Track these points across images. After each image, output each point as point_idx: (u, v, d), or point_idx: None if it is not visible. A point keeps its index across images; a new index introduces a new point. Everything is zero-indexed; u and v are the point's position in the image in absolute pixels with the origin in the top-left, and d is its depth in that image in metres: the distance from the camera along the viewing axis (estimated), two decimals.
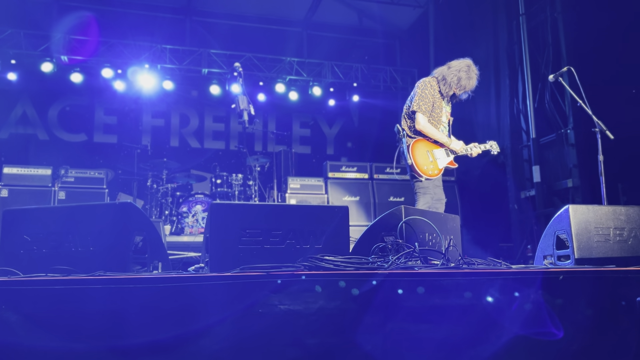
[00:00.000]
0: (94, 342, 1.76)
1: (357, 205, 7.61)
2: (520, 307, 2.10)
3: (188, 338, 1.83)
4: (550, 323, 2.10)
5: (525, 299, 2.11)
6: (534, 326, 2.09)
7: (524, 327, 2.09)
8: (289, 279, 1.89)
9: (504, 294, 2.11)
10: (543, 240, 2.97)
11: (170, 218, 7.35)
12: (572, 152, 6.71)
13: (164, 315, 1.82)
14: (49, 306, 1.76)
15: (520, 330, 2.08)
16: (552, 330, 2.09)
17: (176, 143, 10.10)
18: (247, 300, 1.88)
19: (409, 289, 2.03)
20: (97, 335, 1.77)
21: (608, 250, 2.72)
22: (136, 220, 2.56)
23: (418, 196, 4.26)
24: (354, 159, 9.70)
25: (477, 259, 2.82)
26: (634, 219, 2.81)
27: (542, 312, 2.11)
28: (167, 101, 9.62)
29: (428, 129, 4.25)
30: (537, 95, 7.33)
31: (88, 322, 1.76)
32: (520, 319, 2.09)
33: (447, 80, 4.37)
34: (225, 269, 2.23)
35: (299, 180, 7.56)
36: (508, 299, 2.10)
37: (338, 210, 2.60)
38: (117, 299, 1.81)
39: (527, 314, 2.10)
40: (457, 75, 4.36)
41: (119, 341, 1.77)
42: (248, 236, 2.36)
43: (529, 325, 2.08)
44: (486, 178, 8.03)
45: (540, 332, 2.10)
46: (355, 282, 1.97)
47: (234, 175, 7.65)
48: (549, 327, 2.10)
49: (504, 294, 2.11)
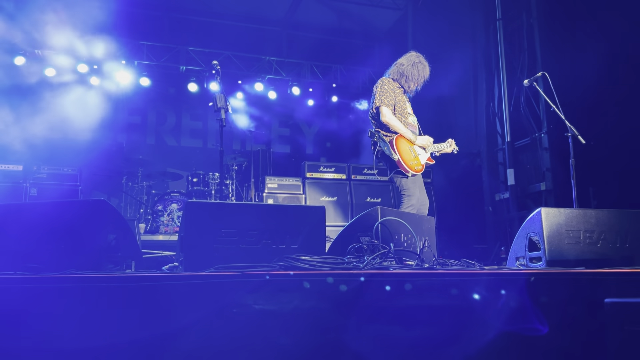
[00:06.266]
0: (63, 342, 1.72)
1: (335, 205, 7.63)
2: (493, 308, 2.13)
3: (161, 338, 1.81)
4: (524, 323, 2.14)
5: (497, 300, 2.14)
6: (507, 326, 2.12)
7: (497, 327, 2.12)
8: (263, 279, 1.88)
9: (477, 294, 2.14)
10: (516, 242, 3.02)
11: (145, 216, 7.25)
12: (546, 155, 6.84)
13: (136, 315, 1.80)
14: (16, 305, 1.72)
15: (493, 330, 2.11)
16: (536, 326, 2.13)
17: (152, 141, 9.97)
18: (221, 300, 1.87)
19: (383, 289, 2.05)
20: (67, 336, 1.74)
21: (578, 252, 2.78)
22: (109, 218, 2.52)
23: (404, 198, 4.25)
24: (333, 159, 9.72)
25: (451, 260, 2.85)
26: (604, 222, 2.88)
27: (514, 312, 2.14)
28: (144, 98, 9.48)
29: (393, 122, 4.27)
30: (513, 100, 7.45)
31: (57, 321, 1.72)
32: (492, 319, 2.12)
33: (408, 75, 4.44)
34: (199, 268, 2.21)
35: (277, 180, 7.54)
36: (481, 299, 2.13)
37: (315, 210, 2.60)
38: (87, 298, 1.77)
39: (500, 315, 2.14)
40: (415, 68, 4.44)
41: (89, 342, 1.74)
42: (223, 235, 2.35)
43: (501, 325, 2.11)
44: (462, 180, 8.14)
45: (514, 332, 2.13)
46: (330, 282, 1.97)
47: (210, 174, 7.59)
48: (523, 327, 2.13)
49: (478, 295, 2.14)
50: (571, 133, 4.28)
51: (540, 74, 4.55)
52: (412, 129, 4.44)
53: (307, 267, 2.12)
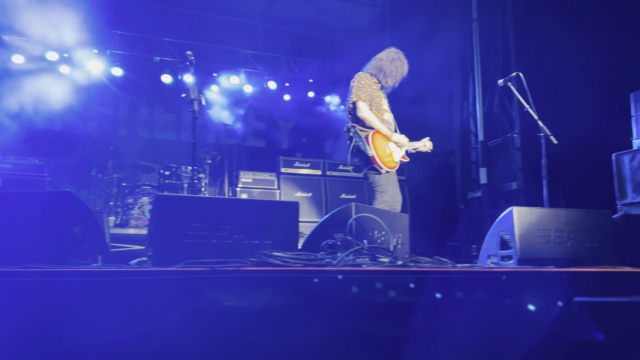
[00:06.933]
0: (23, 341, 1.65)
1: (309, 201, 7.60)
2: (465, 306, 2.13)
3: (127, 335, 1.75)
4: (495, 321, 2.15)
5: (469, 298, 2.14)
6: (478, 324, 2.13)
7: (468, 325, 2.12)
8: (234, 274, 1.84)
9: (449, 292, 2.14)
10: (487, 240, 3.04)
11: (115, 209, 7.10)
12: (518, 155, 6.94)
13: (102, 311, 1.73)
14: None
15: (465, 329, 2.12)
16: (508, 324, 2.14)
17: (124, 132, 9.76)
18: (190, 296, 1.82)
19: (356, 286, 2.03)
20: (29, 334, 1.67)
21: (549, 251, 2.81)
22: (75, 210, 2.44)
23: (377, 194, 4.25)
24: (308, 155, 9.67)
25: (424, 257, 2.85)
26: (574, 221, 2.92)
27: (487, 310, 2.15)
28: (116, 88, 9.27)
29: (370, 117, 4.25)
30: (487, 99, 7.53)
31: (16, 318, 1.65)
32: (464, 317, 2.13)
33: (386, 71, 4.43)
34: (169, 263, 2.16)
35: (251, 175, 7.47)
36: (453, 297, 2.13)
37: (288, 205, 2.57)
38: (50, 293, 1.70)
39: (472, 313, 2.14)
40: (394, 64, 4.44)
41: (52, 340, 1.67)
42: (194, 230, 2.29)
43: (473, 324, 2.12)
44: (436, 178, 8.21)
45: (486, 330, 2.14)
46: (303, 279, 1.95)
47: (183, 167, 7.47)
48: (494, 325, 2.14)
49: (450, 293, 2.14)
50: (543, 133, 4.34)
51: (515, 75, 4.59)
52: (388, 125, 4.43)
53: (280, 263, 2.09)
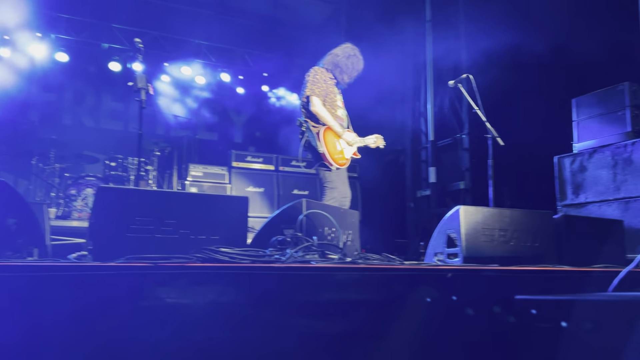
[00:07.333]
0: None
1: (261, 196, 7.53)
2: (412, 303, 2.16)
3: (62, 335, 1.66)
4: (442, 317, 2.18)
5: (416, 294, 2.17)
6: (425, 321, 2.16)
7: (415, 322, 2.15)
8: (178, 270, 1.78)
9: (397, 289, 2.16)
10: (435, 238, 3.09)
11: (56, 200, 6.79)
12: (466, 156, 7.13)
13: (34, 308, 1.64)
14: None
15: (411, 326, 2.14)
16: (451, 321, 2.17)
17: (69, 121, 9.34)
18: (131, 292, 1.75)
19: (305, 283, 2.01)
20: None
21: (493, 249, 2.89)
22: (9, 201, 2.30)
23: (326, 190, 4.25)
24: (262, 149, 9.57)
25: (373, 254, 2.87)
26: (517, 221, 3.01)
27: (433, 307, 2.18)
28: (60, 75, 8.85)
29: (322, 113, 4.24)
30: (438, 100, 7.69)
31: None
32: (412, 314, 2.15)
33: (342, 67, 4.43)
34: (110, 258, 2.07)
35: (202, 168, 7.32)
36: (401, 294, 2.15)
37: (237, 200, 2.52)
38: None
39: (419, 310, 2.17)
40: (350, 60, 4.45)
41: None
42: (138, 224, 2.20)
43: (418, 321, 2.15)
44: (387, 176, 8.32)
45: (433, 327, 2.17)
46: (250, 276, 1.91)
47: (130, 159, 7.23)
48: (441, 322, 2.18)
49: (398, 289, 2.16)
50: (491, 135, 4.46)
51: (465, 76, 4.70)
52: (341, 121, 4.44)
53: (227, 259, 2.04)
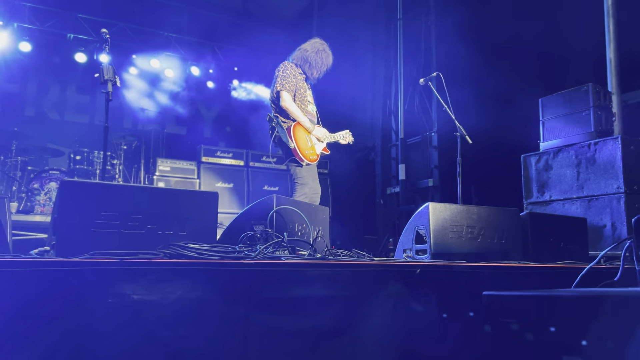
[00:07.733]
0: None
1: (231, 192, 7.46)
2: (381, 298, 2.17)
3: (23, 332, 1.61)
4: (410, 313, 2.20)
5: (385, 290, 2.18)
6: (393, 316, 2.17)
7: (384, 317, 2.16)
8: (144, 266, 1.74)
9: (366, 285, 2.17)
10: (404, 235, 3.12)
11: (18, 195, 6.58)
12: (435, 153, 7.22)
13: None
14: None
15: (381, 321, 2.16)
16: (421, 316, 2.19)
17: (32, 113, 9.03)
18: (96, 288, 1.71)
19: (274, 279, 2.00)
20: None
21: (461, 246, 2.93)
22: None
23: (297, 186, 4.23)
24: (232, 144, 9.45)
25: (343, 250, 2.87)
26: (484, 218, 3.06)
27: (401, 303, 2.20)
28: (23, 65, 8.55)
29: (292, 108, 4.23)
30: (408, 98, 7.76)
31: None
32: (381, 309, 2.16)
33: (311, 62, 4.43)
34: (74, 253, 2.01)
35: (170, 163, 7.20)
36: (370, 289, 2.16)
37: (206, 195, 2.48)
38: None
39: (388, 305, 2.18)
40: (319, 56, 4.45)
41: None
42: (103, 219, 2.15)
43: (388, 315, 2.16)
44: (357, 173, 8.37)
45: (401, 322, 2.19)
46: (219, 272, 1.89)
47: (96, 153, 7.05)
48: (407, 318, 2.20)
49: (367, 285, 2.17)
50: (460, 133, 4.52)
51: (435, 74, 4.75)
52: (311, 117, 4.43)
53: (195, 255, 2.01)
